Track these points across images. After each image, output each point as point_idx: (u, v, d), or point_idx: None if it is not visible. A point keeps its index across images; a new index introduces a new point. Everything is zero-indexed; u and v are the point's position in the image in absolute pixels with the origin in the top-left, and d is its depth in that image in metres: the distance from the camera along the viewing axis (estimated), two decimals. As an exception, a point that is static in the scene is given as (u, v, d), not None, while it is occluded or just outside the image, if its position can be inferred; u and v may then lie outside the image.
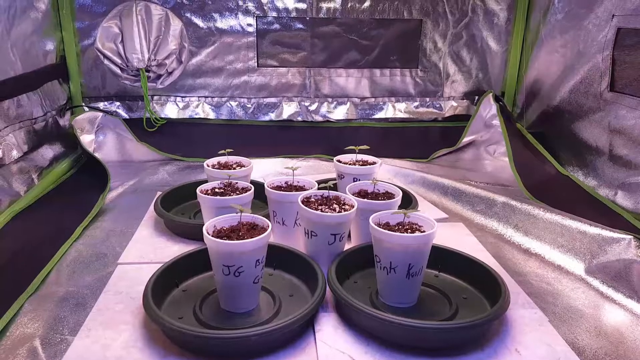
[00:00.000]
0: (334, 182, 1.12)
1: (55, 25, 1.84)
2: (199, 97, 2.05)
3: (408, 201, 1.37)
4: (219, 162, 1.39)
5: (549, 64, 1.83)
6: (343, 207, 1.06)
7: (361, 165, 1.36)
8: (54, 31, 1.83)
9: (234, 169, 1.35)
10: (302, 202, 1.06)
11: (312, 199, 1.10)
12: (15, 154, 1.48)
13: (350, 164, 1.37)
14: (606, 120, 1.51)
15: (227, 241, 0.85)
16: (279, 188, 1.19)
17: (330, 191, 1.11)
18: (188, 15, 1.92)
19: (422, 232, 0.92)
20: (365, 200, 1.10)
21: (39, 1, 1.71)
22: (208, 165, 1.35)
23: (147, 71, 1.90)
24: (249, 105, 2.08)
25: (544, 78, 1.86)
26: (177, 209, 1.41)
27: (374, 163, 1.37)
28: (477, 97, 2.10)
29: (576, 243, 1.16)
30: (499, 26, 2.01)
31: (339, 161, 1.37)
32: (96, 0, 1.86)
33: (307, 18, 1.97)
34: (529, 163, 1.74)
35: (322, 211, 1.03)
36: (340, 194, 1.11)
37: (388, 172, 1.76)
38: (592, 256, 1.12)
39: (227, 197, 1.11)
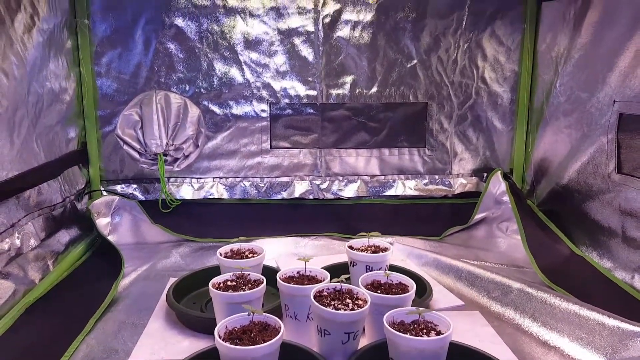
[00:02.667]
0: (347, 276, 1.13)
1: (78, 114, 1.93)
2: (213, 178, 2.10)
3: (422, 289, 1.36)
4: (231, 250, 1.41)
5: (555, 144, 1.86)
6: (356, 302, 1.06)
7: (373, 251, 1.36)
8: (76, 119, 1.92)
9: (247, 257, 1.37)
10: (315, 297, 1.06)
11: (325, 293, 1.10)
12: (33, 242, 1.52)
13: (362, 250, 1.38)
14: (616, 202, 1.52)
15: (238, 347, 0.84)
16: (291, 279, 1.20)
17: (342, 284, 1.11)
18: (205, 103, 2.02)
19: (438, 332, 0.91)
20: (379, 294, 1.10)
21: (64, 93, 1.81)
22: (221, 254, 1.36)
23: (165, 155, 1.97)
24: (262, 185, 2.12)
25: (552, 157, 1.89)
26: (189, 297, 1.41)
27: (386, 249, 1.37)
28: (485, 174, 2.13)
29: (595, 336, 1.13)
30: (503, 107, 2.08)
31: (350, 247, 1.38)
32: (118, 90, 1.96)
33: (318, 104, 2.06)
34: (543, 243, 1.73)
35: (335, 307, 1.02)
36: (353, 288, 1.11)
37: (401, 252, 1.76)
38: (614, 351, 1.09)
39: (239, 293, 1.12)
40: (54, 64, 1.72)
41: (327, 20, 1.98)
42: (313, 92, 2.05)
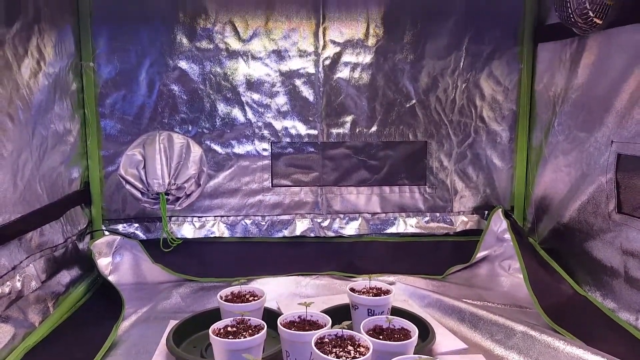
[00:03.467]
0: (348, 323, 1.12)
1: (81, 155, 1.96)
2: (214, 216, 2.11)
3: (425, 332, 1.34)
4: (232, 293, 1.40)
5: (555, 182, 1.87)
6: (358, 349, 1.04)
7: (375, 294, 1.36)
8: (80, 160, 1.94)
9: (248, 300, 1.36)
10: (316, 344, 1.05)
11: (326, 339, 1.09)
12: (34, 284, 1.51)
13: (364, 293, 1.37)
14: (618, 241, 1.52)
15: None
16: (292, 324, 1.19)
17: (344, 330, 1.10)
18: (208, 142, 2.04)
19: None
20: (381, 341, 1.09)
21: (68, 134, 1.84)
22: (222, 297, 1.36)
23: (167, 194, 1.98)
24: (263, 223, 2.12)
25: (552, 195, 1.90)
26: (190, 341, 1.40)
27: (388, 292, 1.36)
28: (486, 212, 2.13)
29: (601, 383, 1.11)
30: (502, 145, 2.10)
31: (352, 290, 1.38)
32: (122, 131, 2.00)
33: (319, 142, 2.08)
34: (545, 282, 1.72)
35: (336, 355, 1.01)
36: (354, 334, 1.10)
37: (403, 292, 1.74)
38: (621, 399, 1.06)
39: (239, 340, 1.11)
40: (58, 106, 1.75)
41: (327, 62, 2.03)
42: (314, 131, 2.07)
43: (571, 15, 1.02)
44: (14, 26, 1.48)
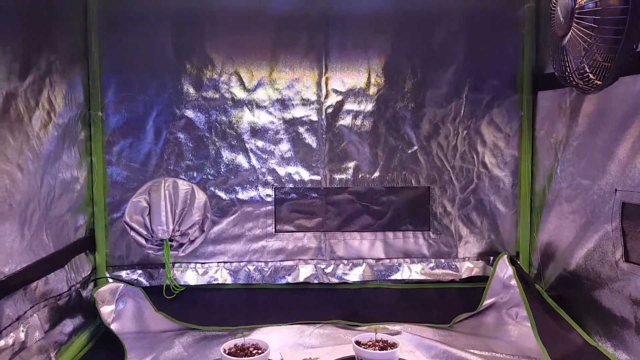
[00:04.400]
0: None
1: (87, 202, 1.97)
2: (218, 262, 2.10)
3: (431, 387, 1.31)
4: (235, 346, 1.38)
5: (560, 228, 1.87)
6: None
7: (381, 347, 1.34)
8: (86, 207, 1.96)
9: (252, 353, 1.34)
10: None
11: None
12: (37, 335, 1.49)
13: (369, 346, 1.35)
14: (627, 291, 1.50)
15: None
16: (296, 380, 1.16)
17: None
18: (212, 188, 2.06)
19: None
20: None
21: (75, 182, 1.87)
22: (225, 351, 1.34)
23: (171, 240, 1.98)
24: (266, 269, 2.11)
25: (557, 241, 1.89)
26: (192, 396, 1.37)
27: (394, 345, 1.34)
28: (492, 258, 2.11)
29: None
30: (505, 190, 2.11)
31: (357, 343, 1.36)
32: (128, 178, 2.02)
33: (322, 188, 2.10)
34: (554, 331, 1.68)
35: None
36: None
37: (410, 342, 1.70)
38: None
39: (243, 398, 1.08)
40: (67, 155, 1.79)
41: (330, 110, 2.07)
42: (317, 177, 2.09)
43: (571, 76, 1.04)
44: (26, 79, 1.53)
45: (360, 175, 2.10)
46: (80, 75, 1.90)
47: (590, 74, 0.96)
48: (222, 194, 2.08)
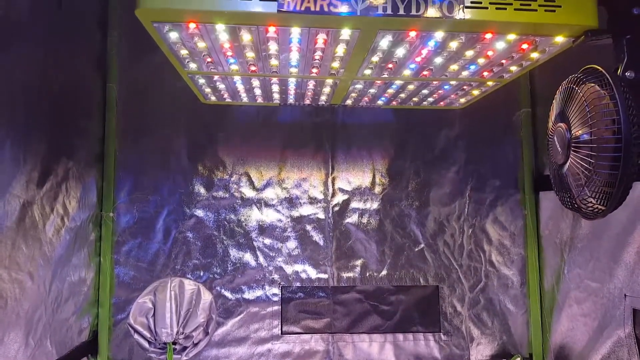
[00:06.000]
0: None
1: (93, 303, 1.96)
2: (222, 366, 2.04)
3: None
4: None
5: (572, 331, 1.83)
6: None
7: None
8: (91, 308, 1.94)
9: None
10: None
11: None
12: None
13: None
14: (648, 403, 1.43)
15: None
16: None
17: None
18: (218, 288, 2.06)
19: None
20: None
21: (83, 284, 1.86)
22: None
23: (174, 344, 1.94)
24: (272, 374, 2.04)
25: (571, 344, 1.84)
26: None
27: None
28: (505, 360, 2.05)
29: None
30: (515, 289, 2.09)
31: None
32: (135, 278, 2.02)
33: (329, 287, 2.08)
34: None
35: None
36: None
37: None
38: None
39: None
40: (76, 257, 1.80)
41: (337, 208, 2.11)
42: (324, 275, 2.09)
43: (574, 202, 1.07)
44: (44, 187, 1.58)
45: (368, 273, 2.09)
46: (95, 178, 1.96)
47: (592, 199, 1.00)
48: (228, 294, 2.06)
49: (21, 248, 1.43)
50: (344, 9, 1.05)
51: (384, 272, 2.10)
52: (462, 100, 1.74)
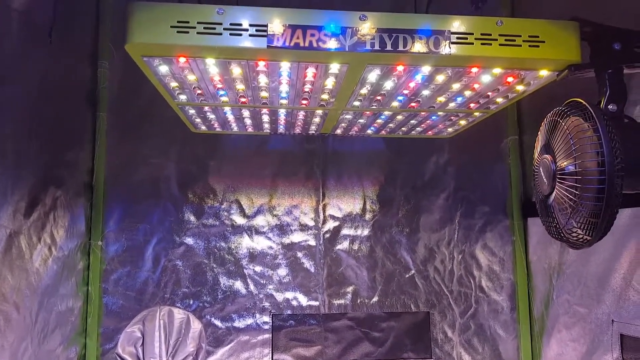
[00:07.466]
0: None
1: (80, 333, 1.93)
2: (211, 397, 2.00)
3: None
4: None
5: (561, 356, 1.84)
6: None
7: None
8: (78, 338, 1.91)
9: None
10: None
11: None
12: None
13: None
14: None
15: None
16: None
17: None
18: (208, 317, 2.03)
19: None
20: None
21: (70, 314, 1.83)
22: None
23: (162, 375, 1.90)
24: (263, 405, 2.01)
25: (562, 371, 1.84)
26: None
27: None
28: (497, 387, 2.04)
29: None
30: (505, 315, 2.10)
31: None
32: (123, 307, 1.99)
33: (320, 314, 2.07)
34: None
35: None
36: None
37: None
38: None
39: None
40: (64, 286, 1.78)
41: (328, 235, 2.12)
42: (315, 303, 2.08)
43: (561, 232, 1.09)
44: (31, 217, 1.57)
45: (359, 300, 2.09)
46: (84, 206, 1.95)
47: (579, 230, 1.01)
48: (218, 322, 2.04)
49: (7, 279, 1.41)
50: (332, 44, 1.08)
51: (375, 299, 2.09)
52: (450, 129, 1.77)
